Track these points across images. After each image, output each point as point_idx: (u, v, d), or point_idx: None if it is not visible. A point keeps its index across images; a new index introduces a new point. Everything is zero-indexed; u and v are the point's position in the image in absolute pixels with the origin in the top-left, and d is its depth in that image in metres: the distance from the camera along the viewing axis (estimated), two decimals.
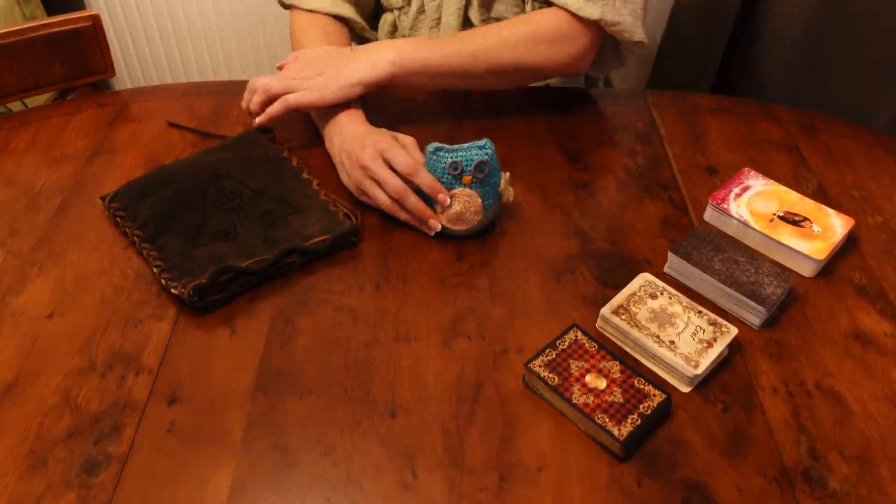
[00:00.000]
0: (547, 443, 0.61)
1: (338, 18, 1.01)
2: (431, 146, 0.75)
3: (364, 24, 1.05)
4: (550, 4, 0.94)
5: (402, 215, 0.79)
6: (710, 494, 0.57)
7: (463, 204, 0.76)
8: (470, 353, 0.67)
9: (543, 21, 0.90)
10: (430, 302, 0.72)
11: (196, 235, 0.74)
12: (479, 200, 0.77)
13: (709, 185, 0.88)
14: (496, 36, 0.89)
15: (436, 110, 0.99)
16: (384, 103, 1.00)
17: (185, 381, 0.64)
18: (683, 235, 0.78)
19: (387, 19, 1.08)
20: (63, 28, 1.03)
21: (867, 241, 0.81)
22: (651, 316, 0.68)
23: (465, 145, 0.75)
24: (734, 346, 0.69)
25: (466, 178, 0.76)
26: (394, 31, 1.08)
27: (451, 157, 0.75)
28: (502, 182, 0.78)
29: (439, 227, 0.78)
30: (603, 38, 0.93)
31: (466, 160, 0.75)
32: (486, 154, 0.75)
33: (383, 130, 0.82)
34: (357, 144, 0.80)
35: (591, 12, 0.87)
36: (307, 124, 0.94)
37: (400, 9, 1.04)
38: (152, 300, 0.72)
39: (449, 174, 0.75)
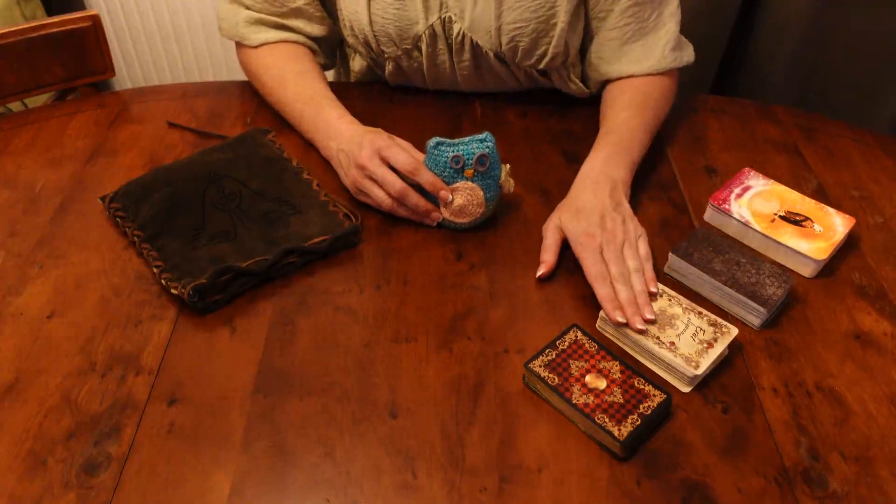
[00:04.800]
0: (547, 443, 0.61)
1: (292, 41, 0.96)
2: (433, 141, 0.76)
3: (317, 49, 0.98)
4: (543, 73, 0.96)
5: (403, 212, 0.79)
6: (710, 495, 0.57)
7: (465, 197, 0.77)
8: (470, 354, 0.67)
9: (650, 90, 0.92)
10: (430, 302, 0.72)
11: (196, 236, 0.74)
12: (482, 193, 0.77)
13: (708, 186, 0.88)
14: (638, 130, 0.87)
15: (435, 112, 0.99)
16: (385, 105, 1.00)
17: (185, 381, 0.64)
18: (683, 236, 0.78)
19: (359, 61, 1.04)
20: (63, 28, 1.03)
21: (867, 241, 0.81)
22: None
23: (466, 139, 0.75)
24: (734, 346, 0.69)
25: (468, 172, 0.76)
26: (371, 72, 1.04)
27: (453, 152, 0.75)
28: (503, 174, 0.78)
29: (441, 219, 0.79)
30: None
31: (468, 154, 0.75)
32: (487, 147, 0.75)
33: (379, 130, 0.82)
34: (354, 144, 0.80)
35: (676, 63, 0.93)
36: None
37: (374, 59, 0.98)
38: (152, 300, 0.72)
39: (451, 168, 0.76)
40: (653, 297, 0.70)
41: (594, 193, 0.77)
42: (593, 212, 0.75)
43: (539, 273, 0.74)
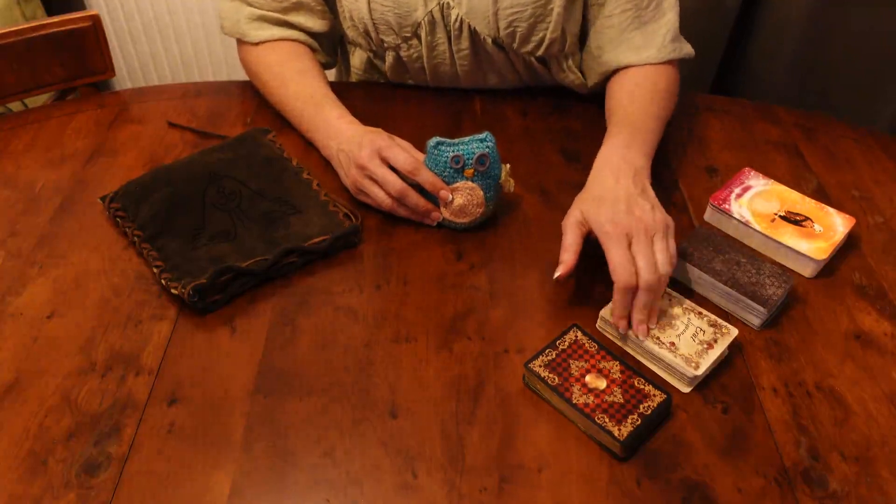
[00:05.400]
0: (547, 443, 0.61)
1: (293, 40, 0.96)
2: (433, 140, 0.76)
3: (318, 46, 0.99)
4: (543, 62, 0.96)
5: (403, 212, 0.79)
6: (710, 495, 0.57)
7: (465, 197, 0.77)
8: (470, 354, 0.67)
9: (653, 82, 0.89)
10: (430, 302, 0.72)
11: (196, 236, 0.74)
12: (482, 193, 0.77)
13: (709, 186, 0.88)
14: (651, 121, 0.84)
15: (436, 110, 0.99)
16: (385, 104, 1.00)
17: (185, 381, 0.64)
18: (683, 236, 0.78)
19: (358, 55, 1.04)
20: (63, 28, 1.03)
21: (867, 241, 0.81)
22: None
23: (466, 139, 0.75)
24: (734, 346, 0.69)
25: (468, 172, 0.76)
26: (370, 68, 1.04)
27: (453, 151, 0.75)
28: (503, 174, 0.78)
29: (441, 219, 0.79)
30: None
31: (468, 154, 0.75)
32: (487, 147, 0.75)
33: (379, 130, 0.82)
34: (354, 144, 0.80)
35: (674, 55, 0.91)
36: None
37: (374, 51, 0.99)
38: (152, 300, 0.72)
39: (451, 168, 0.76)
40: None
41: (616, 180, 0.72)
42: (618, 199, 0.70)
43: (557, 274, 0.68)
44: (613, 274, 0.66)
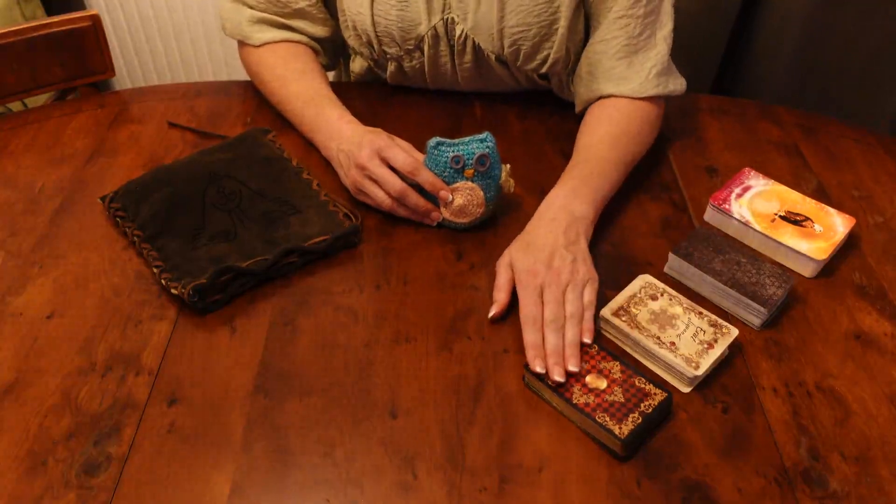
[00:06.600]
0: (547, 443, 0.61)
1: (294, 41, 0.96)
2: (433, 141, 0.76)
3: (320, 49, 0.99)
4: (544, 77, 0.96)
5: (402, 212, 0.79)
6: (710, 495, 0.57)
7: (465, 197, 0.77)
8: (470, 354, 0.67)
9: (625, 118, 0.87)
10: (430, 302, 0.72)
11: (196, 236, 0.74)
12: (482, 193, 0.77)
13: (709, 186, 0.88)
14: (608, 161, 0.82)
15: (435, 112, 0.99)
16: (385, 105, 1.00)
17: (185, 381, 0.64)
18: (684, 236, 0.78)
19: (359, 61, 1.04)
20: (63, 28, 1.03)
21: (867, 241, 0.81)
22: (651, 317, 0.68)
23: (466, 139, 0.75)
24: (734, 346, 0.69)
25: (468, 172, 0.76)
26: (371, 73, 1.04)
27: (453, 152, 0.75)
28: (503, 174, 0.78)
29: (441, 219, 0.79)
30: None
31: (468, 154, 0.75)
32: (488, 147, 0.75)
33: (379, 130, 0.82)
34: (354, 144, 0.80)
35: (653, 91, 0.88)
36: None
37: (375, 61, 0.98)
38: (152, 300, 0.72)
39: (451, 168, 0.76)
40: (584, 347, 0.66)
41: (549, 229, 0.73)
42: (543, 248, 0.71)
43: (491, 314, 0.69)
44: (521, 319, 0.68)
